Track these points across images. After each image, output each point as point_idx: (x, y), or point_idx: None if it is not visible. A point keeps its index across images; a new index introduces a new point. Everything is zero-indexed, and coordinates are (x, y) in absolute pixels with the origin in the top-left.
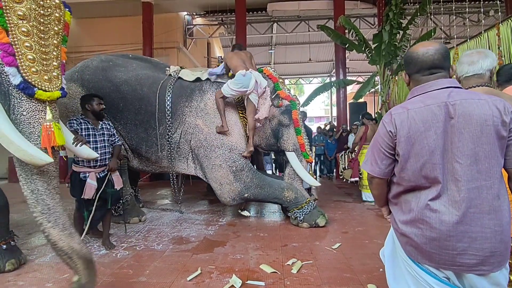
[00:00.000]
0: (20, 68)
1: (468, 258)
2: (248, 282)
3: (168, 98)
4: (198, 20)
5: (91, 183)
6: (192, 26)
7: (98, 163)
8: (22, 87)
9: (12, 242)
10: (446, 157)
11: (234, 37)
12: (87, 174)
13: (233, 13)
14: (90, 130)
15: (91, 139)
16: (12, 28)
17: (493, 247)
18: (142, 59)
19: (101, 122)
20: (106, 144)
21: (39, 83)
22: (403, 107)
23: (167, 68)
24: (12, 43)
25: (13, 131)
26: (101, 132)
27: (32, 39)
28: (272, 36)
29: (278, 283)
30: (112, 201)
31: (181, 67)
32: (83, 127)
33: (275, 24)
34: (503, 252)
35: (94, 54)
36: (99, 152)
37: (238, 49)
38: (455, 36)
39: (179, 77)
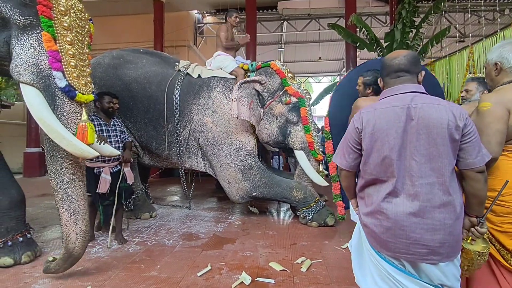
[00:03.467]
0: (65, 73)
1: (420, 248)
2: (258, 279)
3: (176, 96)
4: (209, 19)
5: (106, 177)
6: (202, 25)
7: (112, 158)
8: (67, 90)
9: (28, 235)
10: (404, 154)
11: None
12: (101, 169)
13: (243, 12)
14: (103, 126)
15: (105, 134)
16: (59, 38)
17: (442, 239)
18: (152, 54)
19: (112, 119)
20: (118, 139)
21: (79, 87)
22: (372, 106)
23: (177, 63)
24: (59, 50)
25: (63, 128)
26: (113, 128)
27: (74, 48)
28: (282, 34)
29: (288, 281)
30: (125, 195)
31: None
32: (95, 123)
33: (285, 22)
34: (452, 244)
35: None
36: (113, 146)
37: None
38: (470, 35)
39: (188, 73)
